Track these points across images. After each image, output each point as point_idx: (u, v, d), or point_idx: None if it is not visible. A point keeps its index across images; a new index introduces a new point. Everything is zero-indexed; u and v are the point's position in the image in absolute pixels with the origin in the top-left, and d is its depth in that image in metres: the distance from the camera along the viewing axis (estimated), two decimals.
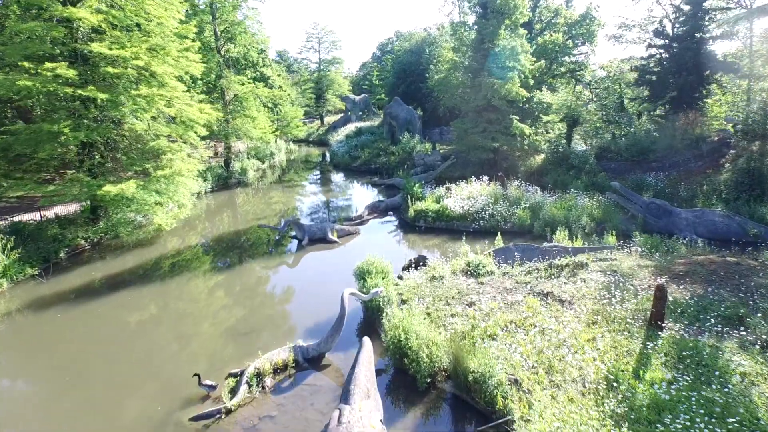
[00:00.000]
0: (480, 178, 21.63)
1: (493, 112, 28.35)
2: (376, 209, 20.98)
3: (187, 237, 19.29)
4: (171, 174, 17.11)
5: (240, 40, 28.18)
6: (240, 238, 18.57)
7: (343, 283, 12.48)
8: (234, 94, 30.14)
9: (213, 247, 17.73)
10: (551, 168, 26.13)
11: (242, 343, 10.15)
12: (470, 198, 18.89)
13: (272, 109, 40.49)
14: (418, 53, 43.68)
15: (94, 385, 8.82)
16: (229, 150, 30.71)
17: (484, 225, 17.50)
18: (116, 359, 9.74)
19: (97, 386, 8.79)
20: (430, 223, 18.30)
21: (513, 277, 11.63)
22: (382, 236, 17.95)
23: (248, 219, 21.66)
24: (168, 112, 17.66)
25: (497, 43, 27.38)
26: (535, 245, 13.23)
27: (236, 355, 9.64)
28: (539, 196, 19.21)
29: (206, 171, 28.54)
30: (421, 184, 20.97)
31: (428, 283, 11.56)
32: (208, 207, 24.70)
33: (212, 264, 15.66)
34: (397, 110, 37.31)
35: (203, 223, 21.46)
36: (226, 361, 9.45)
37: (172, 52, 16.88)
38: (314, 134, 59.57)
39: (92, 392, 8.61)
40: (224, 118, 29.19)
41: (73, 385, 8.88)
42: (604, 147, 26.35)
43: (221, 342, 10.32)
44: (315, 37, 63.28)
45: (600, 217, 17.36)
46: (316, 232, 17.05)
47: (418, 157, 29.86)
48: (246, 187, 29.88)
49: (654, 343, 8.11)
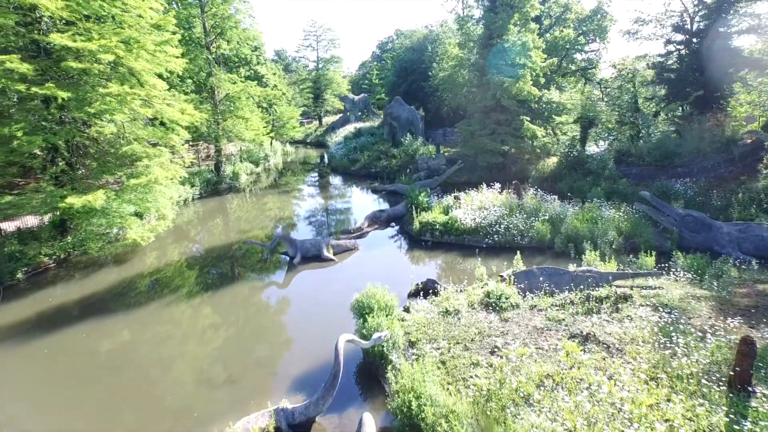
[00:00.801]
0: (491, 186, 19.71)
1: (502, 112, 26.47)
2: (377, 220, 19.07)
3: (169, 251, 17.36)
4: (147, 183, 15.19)
5: (231, 35, 26.25)
6: (226, 254, 16.64)
7: (340, 316, 10.57)
8: (225, 93, 28.20)
9: (195, 265, 15.79)
10: (566, 173, 24.23)
11: (216, 398, 8.23)
12: (482, 209, 16.97)
13: (267, 109, 38.54)
14: (420, 51, 41.77)
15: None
16: (219, 153, 28.76)
17: (498, 240, 15.59)
18: (64, 412, 7.81)
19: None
20: (438, 237, 16.37)
21: (542, 311, 9.71)
22: (384, 253, 16.03)
23: (237, 229, 19.72)
24: (145, 113, 15.72)
25: (507, 38, 25.49)
26: (564, 269, 11.32)
27: (208, 413, 7.74)
28: (557, 206, 17.30)
29: (194, 176, 26.65)
30: (426, 192, 19.03)
31: (441, 319, 9.65)
32: (194, 215, 22.76)
33: (191, 288, 13.72)
34: (398, 110, 35.40)
35: (188, 235, 19.53)
36: (195, 421, 7.55)
37: (148, 46, 14.95)
38: (312, 135, 57.62)
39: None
40: (214, 119, 27.28)
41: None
42: (622, 150, 24.46)
43: (192, 394, 8.40)
44: (313, 35, 61.35)
45: (628, 231, 15.46)
46: (309, 248, 15.14)
47: (422, 161, 27.95)
48: (238, 193, 27.96)
49: (744, 415, 6.21)
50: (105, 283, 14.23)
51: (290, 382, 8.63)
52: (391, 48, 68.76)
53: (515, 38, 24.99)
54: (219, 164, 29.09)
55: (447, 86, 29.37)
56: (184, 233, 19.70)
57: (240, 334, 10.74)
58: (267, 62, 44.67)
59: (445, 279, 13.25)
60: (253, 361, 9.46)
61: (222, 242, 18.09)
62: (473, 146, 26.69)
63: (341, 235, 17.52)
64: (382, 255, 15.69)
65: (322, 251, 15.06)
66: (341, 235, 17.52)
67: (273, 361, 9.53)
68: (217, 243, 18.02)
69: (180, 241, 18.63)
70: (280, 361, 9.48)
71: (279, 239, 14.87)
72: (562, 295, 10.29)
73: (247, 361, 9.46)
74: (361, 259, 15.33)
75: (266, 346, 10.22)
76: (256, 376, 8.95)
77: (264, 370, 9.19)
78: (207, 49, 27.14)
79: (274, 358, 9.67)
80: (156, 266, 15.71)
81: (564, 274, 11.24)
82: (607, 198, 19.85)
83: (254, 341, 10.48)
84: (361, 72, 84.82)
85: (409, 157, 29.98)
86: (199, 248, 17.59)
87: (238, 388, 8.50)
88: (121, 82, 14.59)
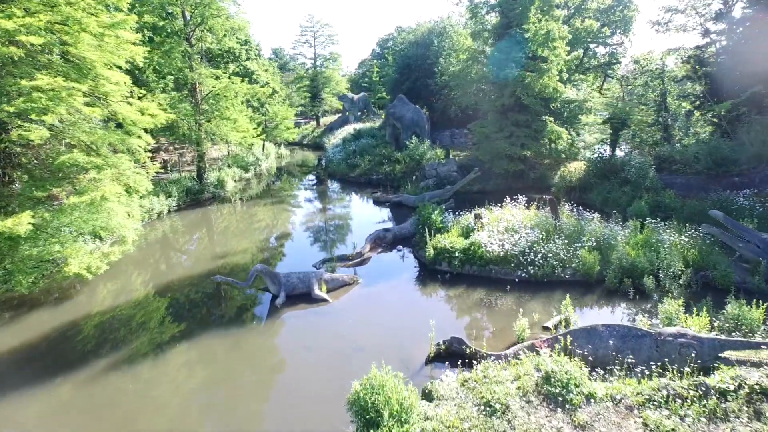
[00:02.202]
0: (515, 199, 16.55)
1: (520, 112, 23.32)
2: (380, 241, 15.90)
3: (127, 282, 14.19)
4: (91, 201, 12.01)
5: (213, 24, 23.08)
6: (194, 288, 13.46)
7: (331, 414, 7.40)
8: (208, 90, 25.00)
9: (153, 306, 12.60)
10: (596, 182, 21.07)
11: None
12: (510, 231, 13.79)
13: (258, 109, 35.37)
14: (424, 45, 38.60)
15: None
16: (201, 158, 25.56)
17: (534, 273, 12.41)
18: None
19: None
20: (457, 268, 13.18)
21: (634, 410, 6.53)
22: (390, 288, 12.82)
23: (212, 254, 16.53)
24: (91, 113, 12.53)
25: (527, 27, 22.32)
26: (642, 330, 8.16)
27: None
28: (600, 226, 14.15)
29: (171, 184, 23.46)
30: (441, 209, 15.83)
31: (481, 419, 6.47)
32: (167, 232, 19.57)
33: (140, 342, 10.53)
34: (401, 110, 32.23)
35: (154, 259, 16.35)
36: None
37: (91, 27, 11.76)
38: (309, 136, 54.44)
39: None
40: (195, 119, 24.08)
41: None
42: (662, 156, 21.33)
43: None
44: (310, 31, 58.14)
45: (697, 261, 12.32)
46: (296, 284, 11.96)
47: (429, 167, 24.79)
48: (223, 203, 24.77)
49: None
50: (39, 328, 11.11)
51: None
52: (392, 45, 65.57)
53: (537, 27, 21.81)
54: (201, 170, 25.89)
55: (459, 82, 26.19)
56: (150, 256, 16.52)
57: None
58: (259, 58, 41.51)
59: (472, 331, 10.08)
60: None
61: (192, 270, 14.91)
62: (488, 150, 23.54)
63: (338, 262, 14.34)
64: (388, 292, 12.50)
65: (313, 288, 11.88)
66: (338, 262, 14.34)
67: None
68: (186, 272, 14.84)
69: (143, 268, 15.45)
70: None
71: (257, 274, 11.68)
72: (646, 372, 7.08)
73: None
74: (361, 297, 12.15)
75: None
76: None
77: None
78: (187, 41, 23.94)
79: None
80: (109, 304, 12.56)
81: (643, 336, 8.08)
82: (651, 213, 16.74)
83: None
84: (360, 70, 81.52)
85: (414, 162, 26.81)
86: (164, 279, 14.41)
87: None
88: (50, 73, 11.39)
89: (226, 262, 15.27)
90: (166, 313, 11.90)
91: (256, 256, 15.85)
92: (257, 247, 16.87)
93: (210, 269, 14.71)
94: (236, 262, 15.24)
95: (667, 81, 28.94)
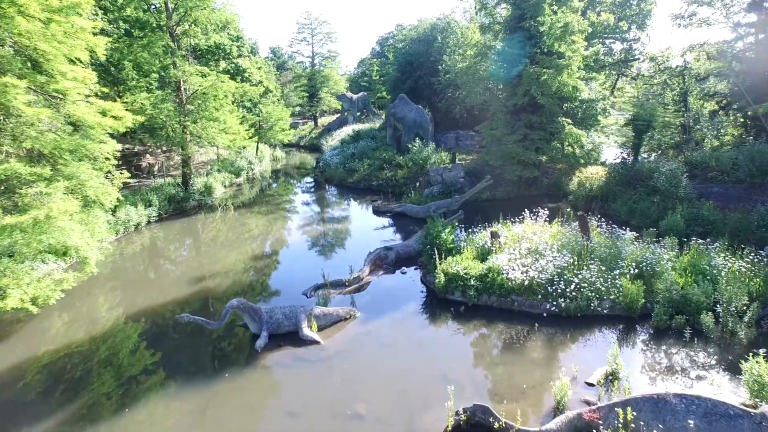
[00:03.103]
0: (535, 212, 14.53)
1: (534, 112, 21.31)
2: (381, 262, 13.86)
3: (87, 311, 12.15)
4: (34, 221, 9.98)
5: (197, 17, 21.01)
6: (165, 322, 11.43)
7: None
8: (195, 89, 22.94)
9: (111, 347, 10.55)
10: (619, 190, 19.02)
11: None
12: (534, 253, 11.76)
13: (251, 109, 33.32)
14: (427, 42, 36.56)
15: None
16: (186, 163, 23.50)
17: (566, 305, 10.38)
18: None
19: None
20: (473, 298, 11.13)
21: None
22: (394, 325, 10.74)
23: (188, 276, 14.48)
24: (36, 115, 10.49)
25: (542, 19, 20.30)
26: (737, 408, 6.13)
27: None
28: (635, 245, 12.14)
29: (152, 192, 21.41)
30: (452, 226, 13.76)
31: None
32: (142, 248, 17.52)
33: (89, 397, 8.48)
34: (403, 111, 30.18)
35: (122, 279, 14.32)
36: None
37: (32, 9, 9.71)
38: (306, 137, 52.38)
39: None
40: (178, 120, 22.02)
41: None
42: (693, 161, 19.32)
43: None
44: (307, 28, 56.06)
45: (762, 292, 10.30)
46: (281, 322, 9.94)
47: (434, 173, 22.74)
48: (210, 212, 22.70)
49: None
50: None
51: None
52: (393, 43, 63.55)
53: (554, 19, 19.77)
54: (187, 176, 23.83)
55: (467, 80, 24.12)
56: (119, 277, 14.47)
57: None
58: (253, 55, 39.46)
59: (498, 389, 8.04)
60: None
61: (164, 296, 12.86)
62: (499, 155, 21.53)
63: (332, 289, 12.30)
64: (392, 330, 10.44)
65: (301, 327, 9.85)
66: (332, 289, 12.30)
67: None
68: (157, 297, 12.79)
69: (109, 293, 13.41)
70: None
71: (232, 311, 9.63)
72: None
73: None
74: (359, 337, 10.10)
75: None
76: None
77: None
78: (171, 36, 21.87)
79: None
80: (63, 340, 10.56)
81: (738, 417, 6.04)
82: (687, 228, 14.76)
83: None
84: (359, 70, 79.39)
85: (418, 167, 24.75)
86: (131, 306, 12.37)
87: None
88: None
89: (203, 287, 13.23)
90: (119, 357, 9.85)
91: (239, 279, 13.80)
92: (241, 267, 14.81)
93: (185, 296, 12.67)
94: (215, 287, 13.20)
95: (689, 79, 27.01)
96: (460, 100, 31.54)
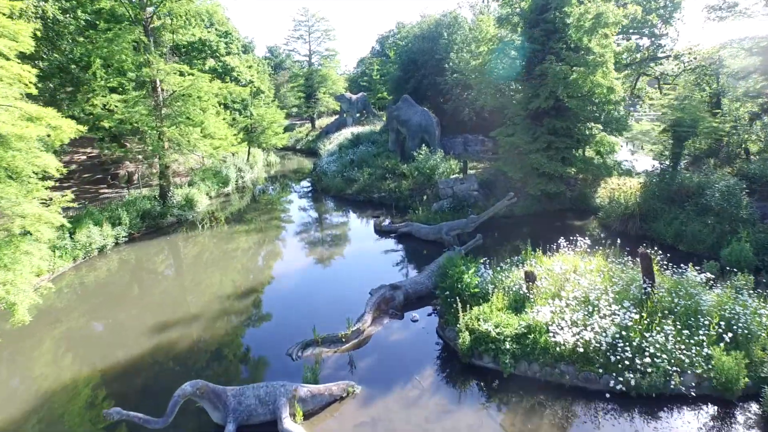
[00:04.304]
0: (572, 243, 11.91)
1: (558, 117, 18.67)
2: (387, 306, 11.22)
3: (5, 378, 9.51)
4: None
5: (173, 8, 18.34)
6: (96, 412, 8.79)
7: None
8: (173, 90, 20.31)
9: None
10: (661, 207, 16.37)
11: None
12: (585, 302, 9.11)
13: (241, 111, 30.65)
14: (432, 39, 33.84)
15: None
16: (163, 175, 20.83)
17: (635, 381, 7.73)
18: None
19: None
20: (508, 367, 8.47)
21: None
22: (405, 409, 8.09)
23: (147, 318, 11.81)
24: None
25: (569, 10, 17.69)
26: None
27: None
28: (708, 291, 9.52)
29: (122, 207, 18.76)
30: (475, 264, 11.05)
31: None
32: (99, 281, 14.84)
33: None
34: (407, 113, 27.51)
35: (61, 328, 11.65)
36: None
37: None
38: (303, 141, 49.69)
39: None
40: (154, 125, 19.37)
41: None
42: (747, 173, 16.69)
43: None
44: (304, 25, 53.28)
45: None
46: (253, 408, 7.30)
47: (444, 185, 20.08)
48: (190, 230, 19.98)
49: None
50: None
51: None
52: (394, 40, 60.84)
53: (583, 9, 17.14)
54: (165, 188, 21.17)
55: (478, 80, 21.41)
56: (57, 324, 11.80)
57: None
58: (246, 53, 36.75)
59: None
60: None
61: (103, 359, 10.22)
62: (519, 166, 18.88)
63: (324, 346, 9.65)
64: (404, 415, 7.78)
65: (281, 415, 7.21)
66: (324, 346, 9.65)
67: None
68: (95, 358, 10.15)
69: (37, 348, 10.76)
70: None
71: (184, 398, 6.98)
72: None
73: None
74: (361, 429, 7.45)
75: None
76: None
77: None
78: (144, 30, 19.21)
79: None
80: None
81: None
82: (757, 258, 12.20)
83: None
84: (359, 69, 76.55)
85: (424, 177, 22.06)
86: (59, 373, 9.74)
87: None
88: None
89: (163, 341, 10.57)
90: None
91: (209, 329, 11.14)
92: (214, 311, 12.11)
93: (135, 357, 9.99)
94: (177, 341, 10.55)
95: (724, 78, 24.41)
96: (469, 102, 28.87)
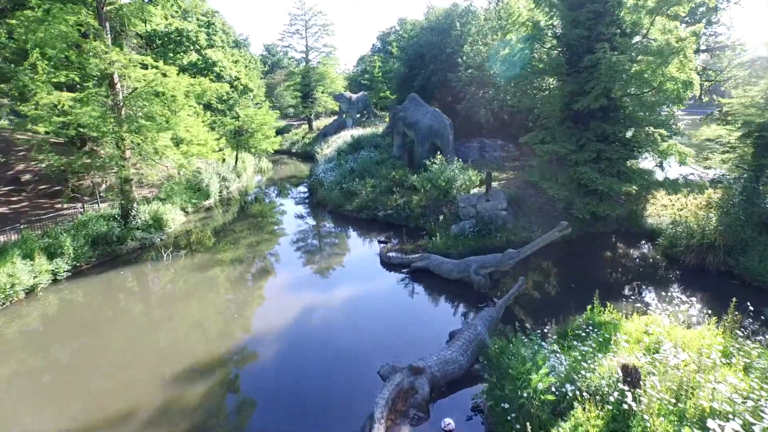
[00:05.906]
0: (648, 289, 8.26)
1: (605, 119, 15.06)
2: (405, 402, 7.55)
3: None
4: None
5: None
6: None
7: None
8: (134, 86, 16.68)
9: None
10: (750, 236, 12.71)
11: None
12: (722, 415, 5.45)
13: (226, 112, 27.00)
14: (442, 31, 30.25)
15: None
16: (123, 191, 17.15)
17: None
18: None
19: None
20: None
21: None
22: None
23: (72, 408, 8.14)
24: None
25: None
26: None
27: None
28: None
29: (66, 232, 15.11)
30: (544, 357, 7.36)
31: None
32: (22, 336, 11.17)
33: None
34: (415, 114, 23.89)
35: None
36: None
37: None
38: (299, 143, 46.06)
39: None
40: (112, 129, 15.74)
41: None
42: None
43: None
44: (300, 19, 49.64)
45: None
46: None
47: (465, 202, 16.43)
48: (154, 260, 16.23)
49: None
50: None
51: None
52: (398, 35, 57.19)
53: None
54: (126, 206, 17.51)
55: (509, 75, 17.70)
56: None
57: None
58: (238, 48, 33.10)
59: None
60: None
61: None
62: (560, 181, 15.23)
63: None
64: None
65: None
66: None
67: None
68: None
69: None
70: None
71: None
72: None
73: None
74: None
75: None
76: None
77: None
78: (96, 12, 15.57)
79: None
80: None
81: None
82: None
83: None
84: (359, 68, 72.77)
85: (439, 191, 18.37)
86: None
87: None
88: None
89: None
90: None
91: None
92: (161, 405, 8.45)
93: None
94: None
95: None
96: (486, 101, 25.23)
